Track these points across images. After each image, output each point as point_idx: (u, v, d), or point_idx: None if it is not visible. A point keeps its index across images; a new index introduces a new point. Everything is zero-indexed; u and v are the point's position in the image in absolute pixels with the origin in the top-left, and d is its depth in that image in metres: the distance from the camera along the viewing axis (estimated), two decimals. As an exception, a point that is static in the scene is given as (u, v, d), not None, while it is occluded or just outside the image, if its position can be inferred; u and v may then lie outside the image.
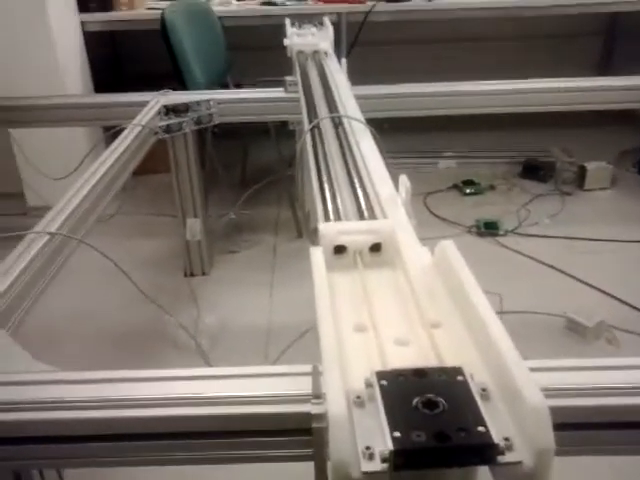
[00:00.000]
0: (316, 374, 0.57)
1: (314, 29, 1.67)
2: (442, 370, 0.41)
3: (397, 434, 0.36)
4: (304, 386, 0.57)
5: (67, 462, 0.64)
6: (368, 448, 0.37)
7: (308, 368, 0.59)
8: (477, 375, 0.41)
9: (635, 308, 1.75)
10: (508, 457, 0.36)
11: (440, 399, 0.38)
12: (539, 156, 2.64)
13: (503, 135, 2.86)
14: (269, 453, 0.61)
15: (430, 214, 2.32)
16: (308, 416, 0.54)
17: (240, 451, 0.61)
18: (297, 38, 1.57)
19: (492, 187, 2.53)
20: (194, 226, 1.90)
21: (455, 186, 2.54)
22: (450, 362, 0.42)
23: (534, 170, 2.57)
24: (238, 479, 1.16)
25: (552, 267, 1.95)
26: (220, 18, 2.39)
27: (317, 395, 0.55)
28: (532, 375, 0.39)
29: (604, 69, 3.36)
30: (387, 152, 0.85)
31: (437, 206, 2.38)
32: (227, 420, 0.58)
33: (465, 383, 0.40)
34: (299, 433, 0.57)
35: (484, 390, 0.40)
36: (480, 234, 2.18)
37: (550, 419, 0.37)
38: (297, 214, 2.22)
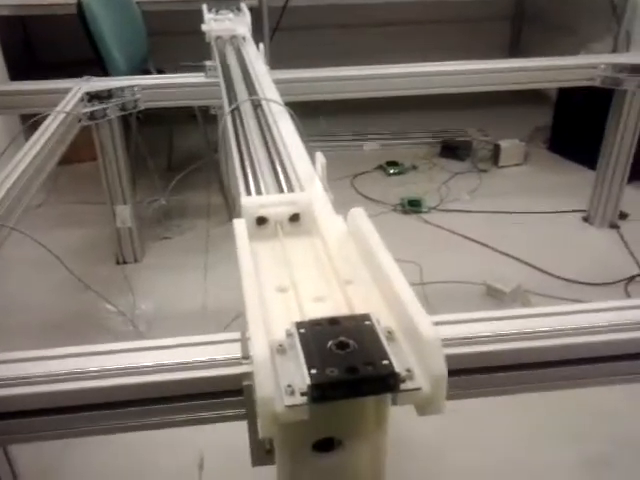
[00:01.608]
0: (244, 339, 0.62)
1: (231, 14, 1.68)
2: (352, 317, 0.47)
3: (314, 371, 0.41)
4: (234, 351, 0.62)
5: (12, 438, 0.65)
6: (289, 386, 0.42)
7: (237, 335, 0.64)
8: (383, 320, 0.47)
9: (547, 273, 1.89)
10: (409, 384, 0.42)
11: (351, 341, 0.44)
12: (456, 136, 2.77)
13: (423, 117, 2.98)
14: (206, 415, 0.65)
15: (357, 194, 2.41)
16: (239, 377, 0.59)
17: (178, 415, 0.64)
18: (215, 24, 1.58)
19: (414, 167, 2.64)
20: (123, 213, 1.90)
21: (380, 167, 2.64)
22: (360, 311, 0.48)
23: (452, 149, 2.70)
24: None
25: (472, 239, 2.08)
26: (138, 3, 2.36)
27: (246, 356, 0.60)
28: (428, 316, 0.46)
29: (512, 52, 3.54)
30: (314, 135, 0.90)
31: (364, 186, 2.47)
32: (163, 386, 0.61)
33: (372, 326, 0.45)
34: (232, 394, 0.61)
35: (389, 332, 0.46)
36: (405, 212, 2.28)
37: (442, 351, 0.43)
38: (227, 197, 2.24)
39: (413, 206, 2.28)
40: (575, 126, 2.61)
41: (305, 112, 1.12)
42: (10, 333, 1.60)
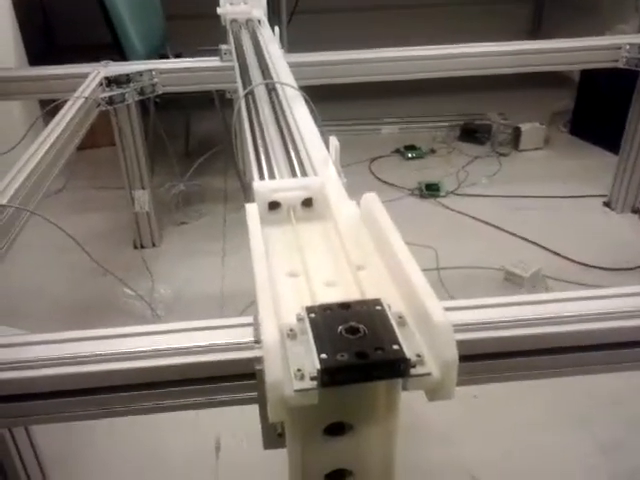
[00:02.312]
0: (257, 323, 0.62)
1: (247, -3, 1.67)
2: (363, 302, 0.46)
3: (324, 356, 0.41)
4: (249, 335, 0.63)
5: (35, 419, 0.66)
6: (299, 370, 0.41)
7: (250, 319, 0.65)
8: (394, 306, 0.47)
9: (566, 258, 1.87)
10: (419, 370, 0.42)
11: (361, 326, 0.43)
12: (476, 119, 2.73)
13: (441, 100, 2.94)
14: (220, 399, 0.65)
15: (375, 179, 2.39)
16: (252, 361, 0.59)
17: (192, 398, 0.65)
18: (230, 6, 1.58)
19: (433, 151, 2.61)
20: (142, 198, 1.91)
21: (398, 151, 2.61)
22: (372, 297, 0.48)
23: (472, 133, 2.67)
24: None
25: (491, 224, 2.06)
26: (157, -14, 2.36)
27: (258, 341, 0.60)
28: (439, 301, 0.45)
29: (535, 34, 3.47)
30: (331, 119, 0.89)
31: (381, 171, 2.45)
32: (178, 369, 0.62)
33: (382, 311, 0.45)
34: (245, 378, 0.62)
35: (400, 317, 0.46)
36: (422, 196, 2.26)
37: (453, 336, 0.43)
38: (242, 182, 2.25)
39: (431, 190, 2.26)
40: (598, 109, 2.56)
41: (322, 96, 1.11)
42: (29, 316, 1.63)
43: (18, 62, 2.33)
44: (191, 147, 2.66)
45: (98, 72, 1.61)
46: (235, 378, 0.63)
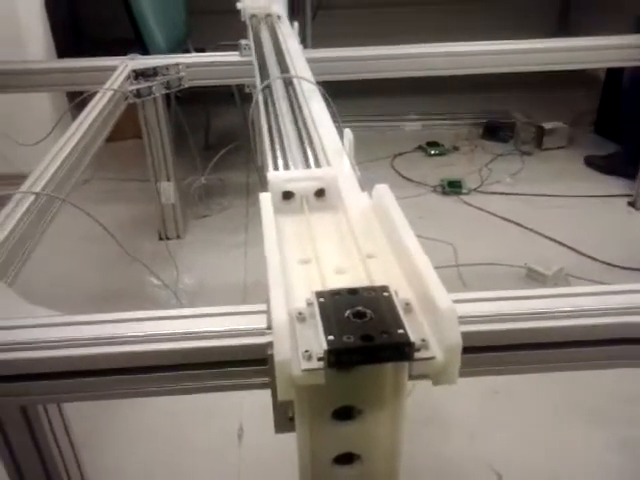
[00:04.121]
0: (269, 309, 0.63)
1: (267, -8, 1.68)
2: (371, 288, 0.48)
3: (331, 337, 0.43)
4: (262, 321, 0.64)
5: (66, 397, 0.69)
6: (307, 351, 0.43)
7: (264, 306, 0.66)
8: (402, 293, 0.48)
9: (590, 257, 1.85)
10: (423, 353, 0.43)
11: (368, 310, 0.45)
12: (499, 117, 2.71)
13: (465, 97, 2.92)
14: (233, 382, 0.67)
15: (397, 175, 2.39)
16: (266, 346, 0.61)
17: (208, 382, 0.66)
18: (249, 1, 1.59)
19: (455, 148, 2.60)
20: (168, 190, 1.94)
21: (420, 147, 2.61)
22: (380, 284, 0.49)
23: (495, 131, 2.65)
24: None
25: (513, 222, 2.05)
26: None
27: (270, 327, 0.61)
28: (444, 288, 0.46)
29: (561, 32, 3.43)
30: (354, 115, 0.90)
31: (404, 167, 2.45)
32: (195, 353, 0.63)
33: (390, 297, 0.46)
34: (258, 363, 0.63)
35: (407, 304, 0.47)
36: (445, 193, 2.26)
37: (457, 321, 0.44)
38: (260, 175, 2.27)
39: (453, 187, 2.26)
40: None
41: (345, 92, 1.12)
42: (58, 303, 1.66)
43: (47, 55, 2.37)
44: (211, 141, 2.68)
45: (126, 65, 1.64)
46: (251, 363, 0.64)
